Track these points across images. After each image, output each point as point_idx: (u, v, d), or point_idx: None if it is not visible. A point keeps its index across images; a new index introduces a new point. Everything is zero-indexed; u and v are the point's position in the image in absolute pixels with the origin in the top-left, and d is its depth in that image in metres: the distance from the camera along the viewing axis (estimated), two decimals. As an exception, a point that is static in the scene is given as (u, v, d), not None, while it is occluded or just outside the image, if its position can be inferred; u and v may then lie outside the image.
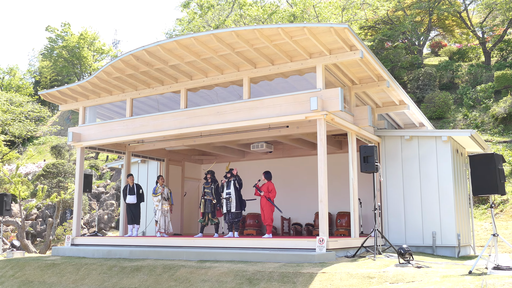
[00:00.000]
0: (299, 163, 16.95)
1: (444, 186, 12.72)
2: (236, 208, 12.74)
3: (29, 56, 77.24)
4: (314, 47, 10.90)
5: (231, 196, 12.78)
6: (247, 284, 8.81)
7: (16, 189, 19.59)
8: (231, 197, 12.78)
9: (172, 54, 11.84)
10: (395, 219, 13.21)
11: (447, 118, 25.99)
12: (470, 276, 7.64)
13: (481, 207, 19.20)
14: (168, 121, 12.86)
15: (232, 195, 12.79)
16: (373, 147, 11.35)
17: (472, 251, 14.21)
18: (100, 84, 13.68)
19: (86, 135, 14.38)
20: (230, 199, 12.78)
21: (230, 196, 12.80)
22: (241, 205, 12.87)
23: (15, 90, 48.07)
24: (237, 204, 12.76)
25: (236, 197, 12.77)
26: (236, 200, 12.76)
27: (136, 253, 12.05)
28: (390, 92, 12.91)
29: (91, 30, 52.50)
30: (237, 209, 12.74)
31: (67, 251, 13.56)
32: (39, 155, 38.91)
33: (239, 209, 12.80)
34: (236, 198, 12.77)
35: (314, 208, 14.95)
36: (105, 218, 24.88)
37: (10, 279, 11.77)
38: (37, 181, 28.74)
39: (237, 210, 12.75)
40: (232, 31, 10.71)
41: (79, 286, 10.47)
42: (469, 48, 33.46)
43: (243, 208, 13.01)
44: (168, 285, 9.49)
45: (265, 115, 11.37)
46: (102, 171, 32.59)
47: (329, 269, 8.91)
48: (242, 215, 13.07)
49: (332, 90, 10.74)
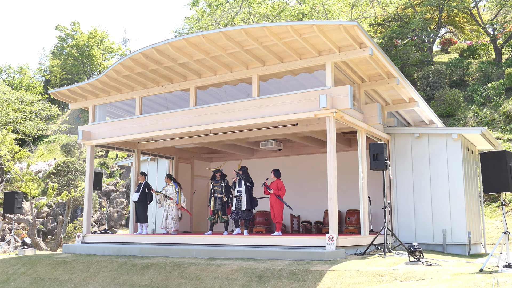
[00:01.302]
0: (308, 161, 16.93)
1: (454, 183, 12.66)
2: (247, 207, 12.75)
3: (39, 55, 77.87)
4: (323, 44, 10.88)
5: (242, 194, 12.80)
6: (257, 281, 8.82)
7: (27, 187, 19.73)
8: (241, 195, 12.79)
9: (181, 52, 11.86)
10: (405, 217, 13.15)
11: (457, 116, 25.84)
12: (481, 274, 7.59)
13: (492, 205, 19.08)
14: (177, 119, 12.89)
15: (242, 193, 12.80)
16: (382, 145, 11.31)
17: (483, 249, 14.13)
18: (109, 82, 13.74)
19: (96, 134, 14.45)
20: (240, 197, 12.79)
21: (240, 194, 12.81)
22: (251, 203, 12.87)
23: (26, 89, 48.39)
24: (248, 202, 12.77)
25: (246, 196, 12.78)
26: (247, 199, 12.77)
27: (146, 250, 12.10)
28: (399, 89, 12.85)
29: (101, 28, 52.67)
30: (247, 207, 12.75)
31: (77, 248, 13.65)
32: (49, 153, 39.17)
33: (250, 208, 12.81)
34: (246, 196, 12.78)
35: (324, 206, 14.94)
36: (115, 216, 25.00)
37: (22, 276, 11.87)
38: (48, 179, 28.95)
39: (247, 209, 12.76)
40: (241, 29, 10.71)
41: (90, 283, 10.53)
42: (479, 45, 33.20)
43: (254, 206, 13.02)
44: (178, 283, 9.53)
45: (274, 113, 11.36)
46: (112, 169, 32.74)
47: (338, 266, 8.89)
48: (252, 213, 13.07)
49: (342, 88, 10.71)
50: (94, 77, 14.47)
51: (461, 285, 6.68)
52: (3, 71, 52.04)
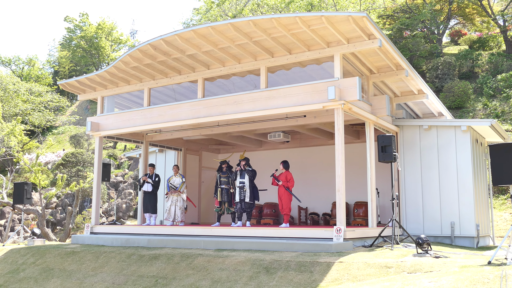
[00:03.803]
0: (316, 152, 16.91)
1: (463, 176, 12.60)
2: (250, 199, 12.75)
3: (49, 46, 78.16)
4: (331, 36, 10.82)
5: (245, 185, 12.80)
6: (264, 273, 8.85)
7: (36, 178, 19.85)
8: (245, 186, 12.79)
9: (189, 44, 11.85)
10: (413, 209, 13.12)
11: (467, 108, 25.67)
12: (489, 266, 7.57)
13: (501, 197, 18.99)
14: (185, 111, 12.90)
15: (246, 184, 12.81)
16: (391, 137, 11.27)
17: (492, 241, 14.08)
18: (118, 73, 13.77)
19: (105, 125, 14.50)
20: (244, 188, 12.79)
21: (244, 185, 12.81)
22: (254, 195, 12.87)
23: (35, 80, 48.61)
24: (251, 194, 12.77)
25: (250, 187, 12.79)
26: (250, 190, 12.77)
27: (154, 241, 12.16)
28: (408, 81, 12.78)
29: (109, 20, 52.75)
30: (250, 199, 12.76)
31: (86, 239, 13.74)
32: (58, 144, 39.37)
33: (253, 200, 12.81)
34: (250, 188, 12.78)
35: (331, 198, 14.93)
36: (123, 207, 25.12)
37: (31, 266, 11.97)
38: (57, 170, 29.11)
39: (251, 201, 12.77)
40: (249, 20, 10.67)
41: (98, 273, 10.60)
42: (489, 36, 32.91)
43: (257, 198, 13.00)
44: (186, 274, 9.57)
45: (282, 104, 11.34)
46: (120, 160, 32.87)
47: (346, 258, 8.90)
48: (255, 205, 13.05)
49: (350, 80, 10.67)
50: (102, 68, 14.50)
51: (469, 278, 6.66)
52: (12, 62, 52.26)
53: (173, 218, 14.26)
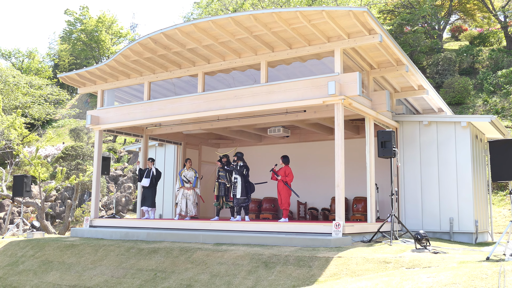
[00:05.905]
0: (316, 147, 16.91)
1: (462, 172, 12.61)
2: (242, 194, 12.75)
3: (49, 39, 77.80)
4: (332, 31, 10.81)
5: (238, 181, 12.80)
6: (263, 267, 8.87)
7: (36, 171, 19.86)
8: (237, 182, 12.80)
9: (190, 38, 11.83)
10: (412, 204, 13.14)
11: (467, 104, 25.65)
12: (487, 262, 7.59)
13: (500, 193, 19.01)
14: (185, 105, 12.89)
15: (238, 180, 12.81)
16: (391, 132, 11.27)
17: (490, 237, 14.10)
18: (118, 67, 13.75)
19: (104, 118, 14.49)
20: (236, 183, 12.80)
21: (236, 181, 12.82)
22: (247, 190, 12.86)
23: (35, 73, 48.53)
24: (243, 189, 12.76)
25: (242, 183, 12.78)
26: (242, 186, 12.76)
27: (153, 235, 12.18)
28: (409, 77, 12.77)
29: (109, 13, 52.54)
30: (242, 195, 12.75)
31: (85, 232, 13.76)
32: (58, 137, 39.36)
33: (245, 195, 12.79)
34: (242, 183, 12.77)
35: (331, 193, 14.94)
36: (123, 201, 25.14)
37: (31, 259, 12.00)
38: (56, 163, 29.11)
39: (242, 196, 12.76)
40: (250, 14, 10.65)
41: (97, 266, 10.63)
42: (490, 32, 32.84)
43: (250, 193, 12.99)
44: (184, 267, 9.59)
45: (283, 99, 11.34)
46: (120, 154, 32.87)
47: (345, 253, 8.91)
48: (250, 199, 13.05)
49: (350, 75, 10.66)
50: (102, 61, 14.48)
51: (467, 273, 6.68)
52: (12, 55, 52.18)
53: (185, 212, 14.21)
